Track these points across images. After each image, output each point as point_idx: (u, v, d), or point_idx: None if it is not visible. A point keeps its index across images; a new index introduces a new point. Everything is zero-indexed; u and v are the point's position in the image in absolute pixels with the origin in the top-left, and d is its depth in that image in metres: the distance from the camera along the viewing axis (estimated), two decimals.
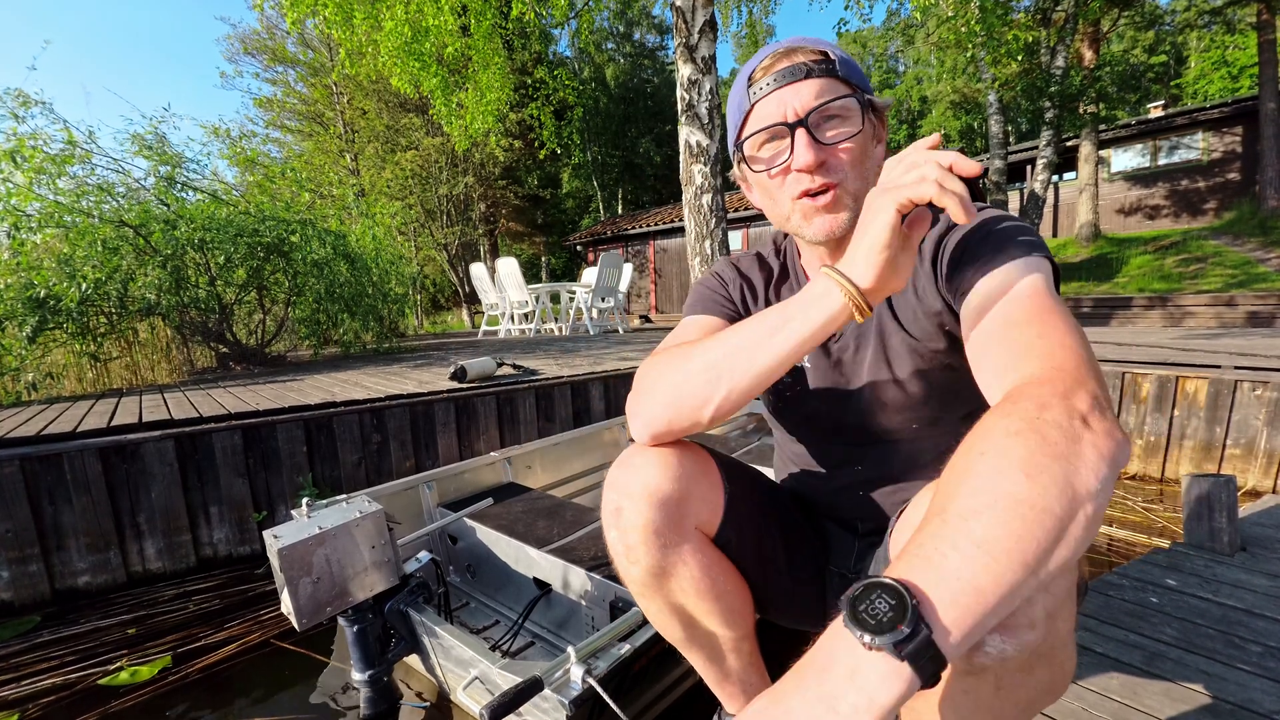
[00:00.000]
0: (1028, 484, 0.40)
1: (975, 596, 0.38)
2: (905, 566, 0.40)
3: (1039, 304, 0.56)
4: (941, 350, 0.75)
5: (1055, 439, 0.41)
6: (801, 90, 0.69)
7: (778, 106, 0.70)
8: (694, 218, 4.33)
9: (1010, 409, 0.45)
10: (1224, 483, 1.52)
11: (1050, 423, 0.42)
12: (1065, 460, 0.40)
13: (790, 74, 0.70)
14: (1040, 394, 0.45)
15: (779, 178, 0.74)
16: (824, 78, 0.70)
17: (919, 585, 0.39)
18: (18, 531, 1.95)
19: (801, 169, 0.70)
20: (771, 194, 0.76)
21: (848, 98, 0.70)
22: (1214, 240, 10.19)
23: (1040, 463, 0.40)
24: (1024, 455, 0.41)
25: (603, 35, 22.94)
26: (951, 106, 22.78)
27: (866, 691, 0.36)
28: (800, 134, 0.69)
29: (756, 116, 0.73)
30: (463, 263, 15.45)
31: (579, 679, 0.99)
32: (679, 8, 4.23)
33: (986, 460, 0.42)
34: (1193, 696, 1.00)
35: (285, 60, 15.94)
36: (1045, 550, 0.39)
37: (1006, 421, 0.43)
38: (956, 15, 5.84)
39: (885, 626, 0.37)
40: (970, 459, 0.43)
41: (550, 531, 1.67)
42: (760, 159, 0.75)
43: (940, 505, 0.42)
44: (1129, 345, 4.00)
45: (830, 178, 0.71)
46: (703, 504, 0.74)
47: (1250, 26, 11.56)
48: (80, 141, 4.21)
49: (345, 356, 5.53)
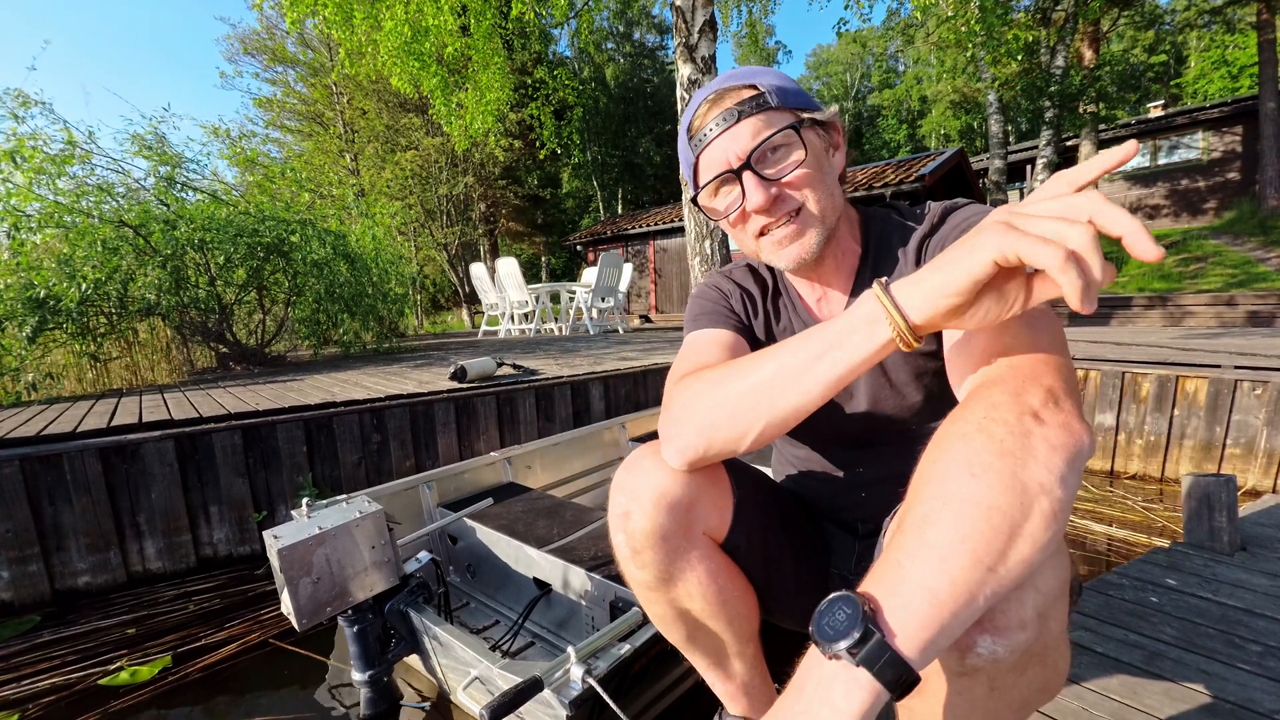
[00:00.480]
0: (973, 483, 0.40)
1: (928, 598, 0.39)
2: (870, 579, 0.42)
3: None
4: (934, 353, 0.76)
5: (1001, 436, 0.41)
6: (738, 134, 0.71)
7: (721, 154, 0.72)
8: (694, 217, 4.33)
9: (961, 413, 0.45)
10: (1224, 482, 1.52)
11: (998, 420, 0.42)
12: (1012, 456, 0.41)
13: (723, 119, 0.71)
14: (991, 395, 0.45)
15: (738, 219, 0.75)
16: (756, 113, 0.71)
17: (874, 593, 0.40)
18: (18, 531, 1.95)
19: (755, 210, 0.72)
20: (737, 235, 0.79)
21: (785, 129, 0.71)
22: (1214, 240, 10.19)
23: (985, 461, 0.41)
24: (969, 456, 0.41)
25: (602, 35, 22.95)
26: (951, 106, 22.78)
27: (832, 704, 0.38)
28: (747, 177, 0.70)
29: (704, 167, 0.75)
30: (463, 263, 15.45)
31: (579, 679, 0.99)
32: (679, 7, 4.23)
33: (938, 466, 0.43)
34: (1192, 696, 1.00)
35: (285, 60, 15.94)
36: (998, 548, 0.39)
37: (957, 426, 0.44)
38: (956, 15, 5.84)
39: (840, 635, 0.38)
40: (925, 466, 0.44)
41: (550, 531, 1.67)
42: (718, 209, 0.77)
43: (901, 514, 0.44)
44: (1129, 345, 4.00)
45: (787, 207, 0.72)
46: (712, 509, 0.74)
47: (1250, 26, 11.55)
48: (80, 142, 4.21)
49: (345, 356, 5.53)
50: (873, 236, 0.82)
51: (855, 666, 0.37)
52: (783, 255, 0.74)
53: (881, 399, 0.80)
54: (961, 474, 0.41)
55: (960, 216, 0.72)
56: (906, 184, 8.39)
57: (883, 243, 0.80)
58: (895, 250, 0.79)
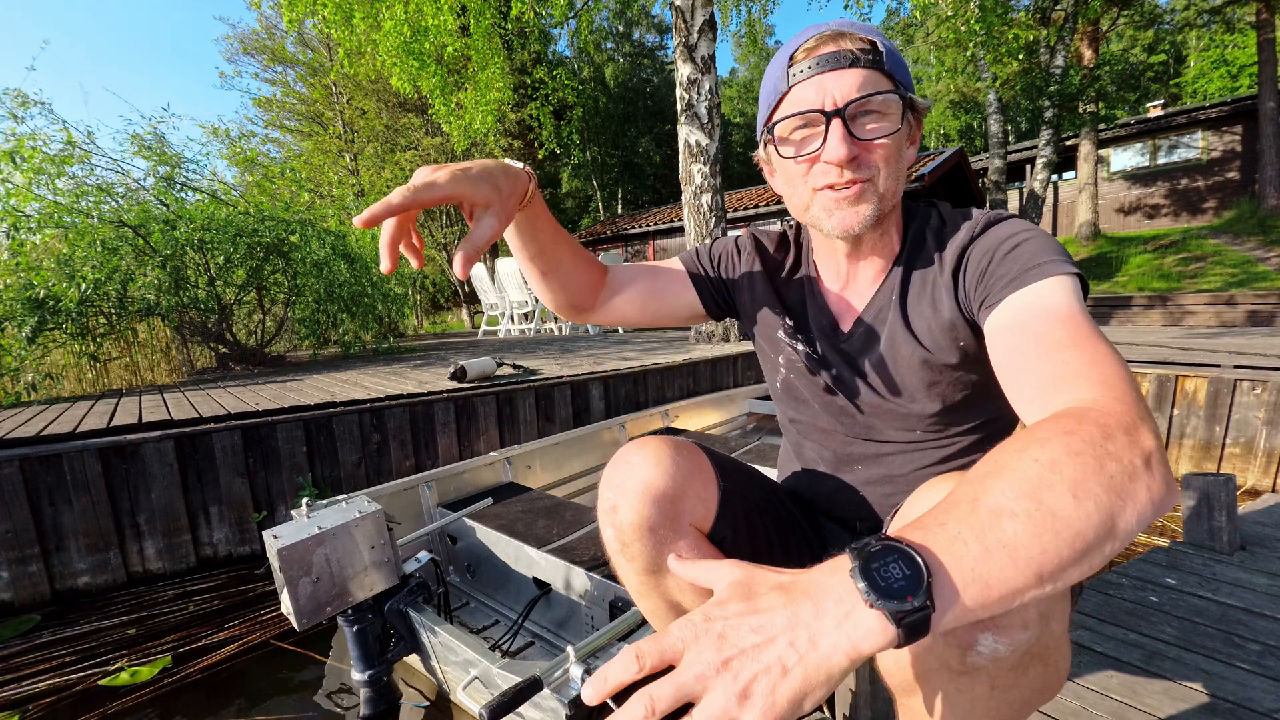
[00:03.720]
0: (1073, 505, 0.39)
1: (982, 590, 0.38)
2: (923, 537, 0.39)
3: (1082, 328, 0.55)
4: (953, 365, 0.73)
5: (1113, 471, 0.41)
6: (844, 79, 0.66)
7: (816, 92, 0.67)
8: (694, 217, 4.33)
9: (1072, 426, 0.43)
10: (1223, 482, 1.53)
11: (1112, 454, 0.41)
12: (1117, 495, 0.40)
13: (834, 60, 0.66)
14: (1105, 421, 0.44)
15: (804, 165, 0.70)
16: (869, 69, 0.66)
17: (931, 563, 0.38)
18: (18, 532, 1.95)
19: (831, 161, 0.67)
20: (794, 181, 0.73)
21: (890, 94, 0.67)
22: (1213, 239, 10.20)
23: (1091, 489, 0.40)
24: (1077, 477, 0.40)
25: (602, 35, 22.92)
26: (951, 106, 22.77)
27: (852, 638, 0.37)
28: (836, 125, 0.66)
29: (792, 99, 0.69)
30: None
31: (578, 678, 0.99)
32: (678, 7, 4.23)
33: (1037, 469, 0.41)
34: (1192, 695, 1.00)
35: (284, 60, 15.93)
36: (1063, 570, 0.39)
37: (1068, 439, 0.42)
38: (956, 14, 5.84)
39: (895, 593, 0.37)
40: (1020, 460, 0.42)
41: (550, 531, 1.67)
42: (790, 142, 0.71)
43: (973, 494, 0.41)
44: (1129, 344, 4.00)
45: (860, 174, 0.68)
46: (697, 501, 0.74)
47: (1249, 25, 11.56)
48: (79, 142, 4.21)
49: (345, 357, 5.53)
50: (911, 233, 0.79)
51: (889, 619, 0.36)
52: (835, 218, 0.70)
53: (889, 404, 0.79)
54: (1063, 490, 0.40)
55: (1006, 230, 0.69)
56: (906, 184, 8.38)
57: (920, 241, 0.78)
58: (932, 253, 0.76)
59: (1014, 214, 0.72)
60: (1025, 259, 0.62)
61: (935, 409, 0.77)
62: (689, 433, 2.87)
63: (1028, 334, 0.57)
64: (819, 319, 0.84)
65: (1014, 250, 0.64)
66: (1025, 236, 0.65)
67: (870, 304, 0.79)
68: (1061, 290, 0.58)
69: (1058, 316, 0.56)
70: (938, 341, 0.73)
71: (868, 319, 0.79)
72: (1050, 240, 0.65)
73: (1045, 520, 0.39)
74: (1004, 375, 0.59)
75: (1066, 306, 0.57)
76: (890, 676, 0.59)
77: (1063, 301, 0.58)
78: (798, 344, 0.85)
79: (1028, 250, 0.63)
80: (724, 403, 3.44)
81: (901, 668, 0.56)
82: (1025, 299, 0.60)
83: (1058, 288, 0.59)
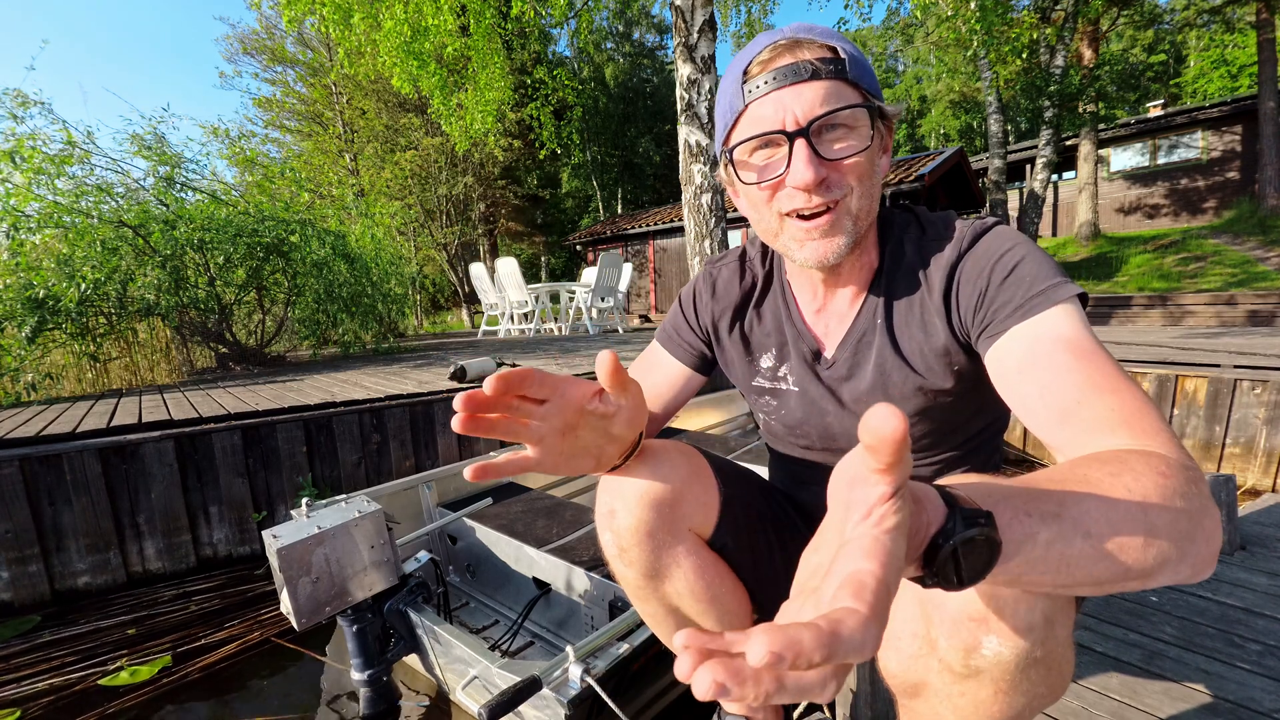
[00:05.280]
0: (1140, 549, 0.39)
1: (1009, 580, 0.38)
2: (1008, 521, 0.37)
3: (1103, 365, 0.53)
4: (947, 389, 0.70)
5: (1184, 526, 0.41)
6: (804, 94, 0.60)
7: (775, 110, 0.61)
8: (694, 217, 4.33)
9: (1165, 469, 0.43)
10: (1223, 481, 1.52)
11: (1190, 513, 0.41)
12: (1179, 545, 0.40)
13: (793, 73, 0.60)
14: (1185, 474, 0.43)
15: (768, 190, 0.65)
16: (831, 79, 0.60)
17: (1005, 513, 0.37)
18: (17, 532, 1.95)
19: (798, 186, 0.62)
20: (759, 207, 0.67)
21: (859, 107, 0.61)
22: (1213, 239, 10.19)
23: (1159, 543, 0.40)
24: (1157, 524, 0.40)
25: (602, 35, 22.92)
26: (951, 106, 22.78)
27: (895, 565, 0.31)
28: (800, 146, 0.60)
29: (750, 119, 0.63)
30: (462, 263, 15.43)
31: (577, 678, 0.99)
32: (678, 7, 4.23)
33: (1128, 502, 0.40)
34: (1192, 695, 1.00)
35: (284, 60, 15.93)
36: (1100, 587, 0.40)
37: (1163, 482, 0.42)
38: (956, 14, 5.84)
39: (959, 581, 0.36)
40: (1111, 484, 0.41)
41: (549, 531, 1.67)
42: (751, 166, 0.66)
43: (1058, 500, 0.39)
44: (1129, 344, 4.00)
45: (830, 196, 0.62)
46: (697, 506, 0.73)
47: (1249, 25, 11.55)
48: (79, 142, 4.21)
49: (345, 356, 5.52)
50: (890, 245, 0.73)
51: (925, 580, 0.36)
52: (808, 250, 0.65)
53: None
54: (1141, 528, 0.40)
55: (996, 246, 0.64)
56: (906, 184, 8.39)
57: (899, 254, 0.72)
58: (915, 270, 0.70)
59: (997, 220, 0.68)
60: (1026, 284, 0.59)
61: (926, 431, 0.75)
62: (688, 433, 2.87)
63: (1046, 368, 0.55)
64: (798, 344, 0.79)
65: (1012, 273, 0.61)
66: (1019, 255, 0.61)
67: (853, 327, 0.74)
68: (1069, 320, 0.56)
69: (1077, 350, 0.54)
70: (931, 366, 0.70)
71: (852, 343, 0.75)
72: (1044, 256, 0.62)
73: (1112, 552, 0.39)
74: (1024, 410, 0.56)
75: (1083, 339, 0.55)
76: (892, 678, 0.58)
77: (1076, 334, 0.55)
78: (779, 385, 0.82)
79: (1027, 273, 0.60)
80: (723, 402, 3.44)
81: (904, 669, 0.56)
82: (1036, 331, 0.57)
83: (1066, 318, 0.56)
